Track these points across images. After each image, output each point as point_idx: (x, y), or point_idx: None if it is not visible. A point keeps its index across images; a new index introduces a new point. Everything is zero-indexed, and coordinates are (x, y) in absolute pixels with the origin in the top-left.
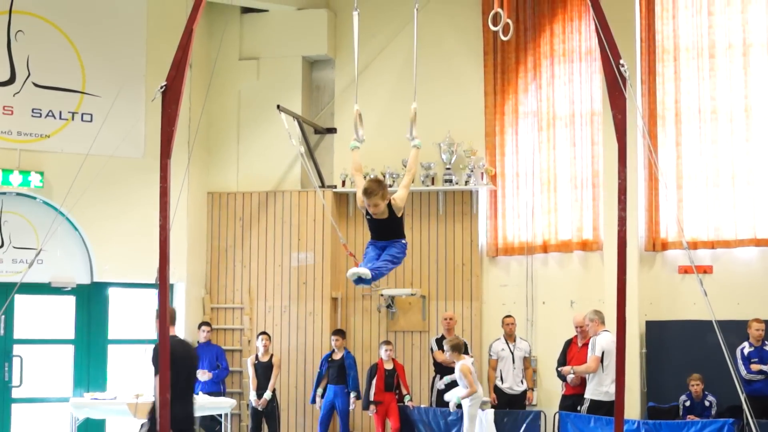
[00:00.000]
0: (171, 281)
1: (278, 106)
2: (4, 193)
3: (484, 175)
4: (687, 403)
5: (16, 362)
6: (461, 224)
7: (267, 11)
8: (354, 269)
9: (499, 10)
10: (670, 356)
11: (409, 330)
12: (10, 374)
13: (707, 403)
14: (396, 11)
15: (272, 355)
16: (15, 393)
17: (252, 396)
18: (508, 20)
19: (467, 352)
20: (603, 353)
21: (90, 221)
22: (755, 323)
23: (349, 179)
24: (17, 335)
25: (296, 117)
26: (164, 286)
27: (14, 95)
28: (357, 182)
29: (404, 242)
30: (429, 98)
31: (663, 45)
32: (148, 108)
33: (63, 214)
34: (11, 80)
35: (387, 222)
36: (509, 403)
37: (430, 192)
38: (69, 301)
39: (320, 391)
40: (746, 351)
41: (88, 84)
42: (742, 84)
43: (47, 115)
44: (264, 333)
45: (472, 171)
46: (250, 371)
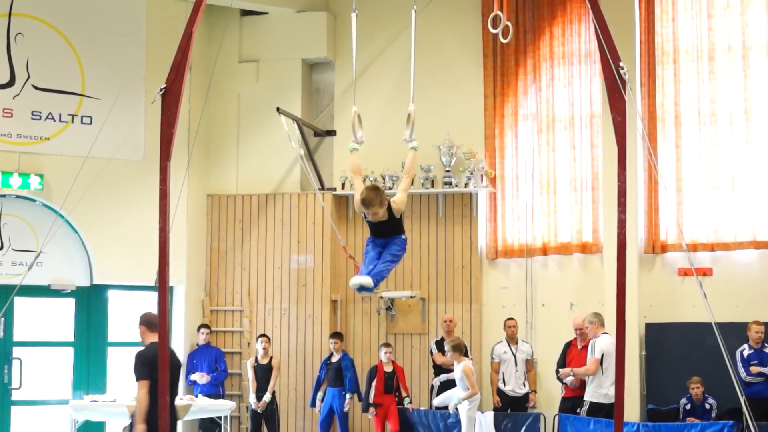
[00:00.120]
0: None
1: (278, 109)
2: (4, 196)
3: (484, 178)
4: (687, 407)
5: (16, 365)
6: (461, 227)
7: (266, 14)
8: (356, 279)
9: (499, 13)
10: (670, 359)
11: (409, 332)
12: (10, 377)
13: (708, 406)
14: (395, 14)
15: (272, 358)
16: (15, 395)
17: (251, 398)
18: (508, 23)
19: (467, 355)
20: (602, 355)
21: (89, 224)
22: (755, 325)
23: (349, 182)
24: (17, 338)
25: (296, 119)
26: (164, 289)
27: (14, 98)
28: (355, 185)
29: (404, 237)
30: (428, 101)
31: (663, 48)
32: (148, 110)
33: (62, 217)
34: (11, 83)
35: (386, 223)
36: (511, 406)
37: (430, 194)
38: (68, 304)
39: (320, 395)
40: (746, 353)
41: (88, 86)
42: (742, 87)
43: (47, 118)
44: (263, 335)
45: (472, 173)
46: (250, 374)
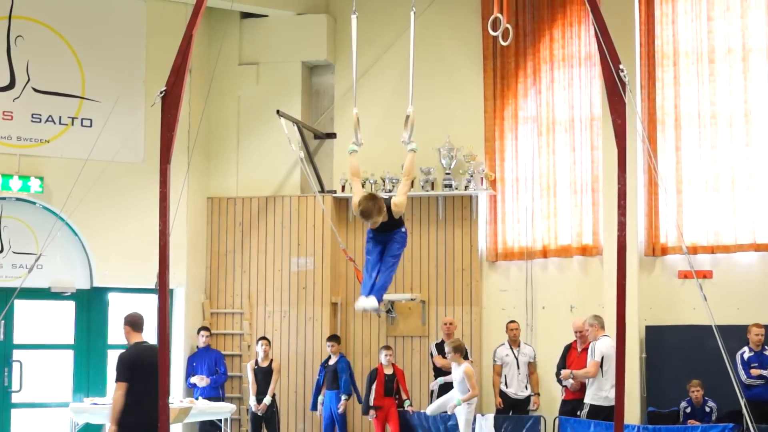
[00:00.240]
0: (171, 286)
1: (278, 111)
2: (4, 198)
3: (484, 180)
4: (688, 410)
5: (16, 367)
6: (461, 229)
7: (266, 16)
8: (362, 304)
9: (499, 15)
10: (670, 361)
11: (409, 335)
12: (10, 379)
13: (708, 409)
14: (395, 16)
15: (272, 360)
16: (15, 398)
17: (252, 401)
18: (508, 25)
19: (467, 357)
20: (602, 358)
21: (89, 226)
22: (755, 328)
23: (348, 184)
24: (17, 340)
25: (296, 122)
26: (164, 291)
27: (14, 100)
28: (354, 187)
29: (404, 230)
30: (428, 103)
31: (662, 50)
32: (148, 113)
33: (63, 219)
34: (11, 85)
35: (386, 222)
36: (512, 408)
37: (430, 197)
38: (68, 306)
39: (321, 398)
40: (746, 356)
41: (88, 89)
42: (742, 89)
43: (47, 120)
44: (264, 338)
45: (472, 176)
46: (250, 376)
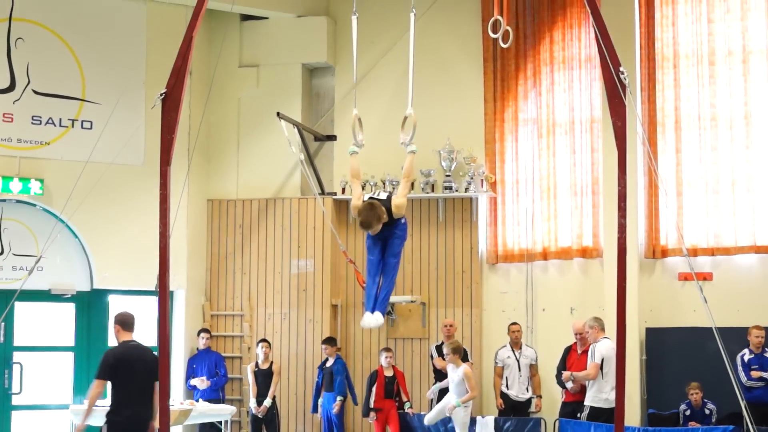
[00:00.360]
0: (171, 288)
1: (278, 114)
2: (4, 201)
3: (484, 183)
4: (687, 412)
5: (16, 369)
6: (461, 231)
7: (267, 19)
8: (368, 323)
9: (499, 18)
10: (670, 363)
11: (409, 337)
12: (10, 381)
13: (707, 411)
14: (395, 18)
15: (272, 363)
16: (15, 400)
17: (252, 403)
18: (508, 27)
19: (467, 359)
20: (603, 360)
21: (90, 228)
22: (755, 330)
23: (349, 186)
24: (17, 342)
25: (296, 124)
26: (164, 293)
27: (14, 102)
28: (354, 189)
29: (404, 221)
30: (429, 105)
31: (663, 52)
32: (148, 115)
33: (63, 221)
34: (11, 87)
35: (387, 222)
36: (513, 410)
37: (430, 199)
38: (69, 308)
39: (320, 401)
40: (746, 358)
41: (88, 91)
42: (742, 91)
43: (47, 123)
44: (264, 340)
45: (472, 178)
46: (250, 378)
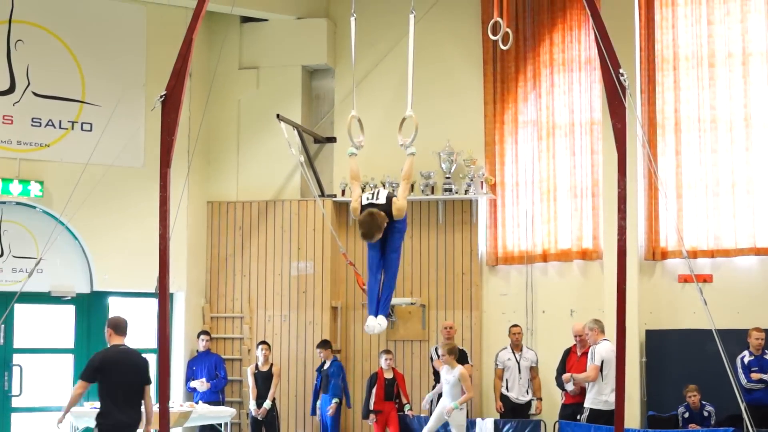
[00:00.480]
0: (171, 290)
1: (278, 116)
2: (4, 203)
3: (484, 184)
4: (686, 415)
5: (16, 371)
6: (461, 233)
7: (267, 21)
8: (373, 328)
9: (499, 20)
10: (670, 365)
11: (409, 339)
12: (10, 383)
13: (706, 413)
14: (395, 20)
15: (272, 365)
16: (15, 402)
17: (252, 405)
18: (508, 29)
19: (466, 361)
20: (602, 362)
21: (90, 230)
22: (755, 332)
23: (348, 188)
24: (17, 344)
25: (296, 126)
26: (164, 295)
27: (14, 104)
28: (354, 191)
29: (404, 217)
30: (428, 107)
31: (663, 54)
32: (148, 117)
33: (63, 224)
34: (11, 89)
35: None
36: (513, 412)
37: (430, 201)
38: (69, 311)
39: (319, 403)
40: (746, 360)
41: (88, 93)
42: (742, 93)
43: (47, 125)
44: (264, 342)
45: (472, 180)
46: (250, 380)
